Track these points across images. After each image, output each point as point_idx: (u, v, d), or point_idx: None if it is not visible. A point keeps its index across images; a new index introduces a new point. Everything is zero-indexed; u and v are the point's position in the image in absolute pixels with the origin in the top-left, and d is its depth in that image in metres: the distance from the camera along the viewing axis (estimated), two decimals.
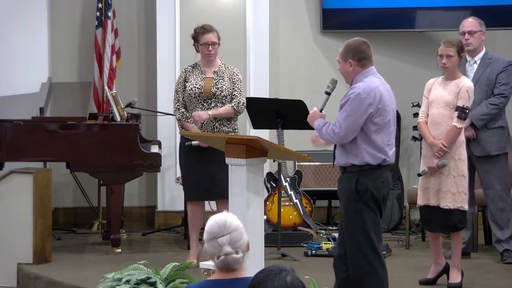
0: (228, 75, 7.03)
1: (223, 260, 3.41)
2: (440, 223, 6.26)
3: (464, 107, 6.19)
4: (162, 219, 8.81)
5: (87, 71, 8.92)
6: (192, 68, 7.10)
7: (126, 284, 5.60)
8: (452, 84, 6.28)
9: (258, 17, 8.75)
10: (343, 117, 5.20)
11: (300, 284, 2.98)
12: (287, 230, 7.82)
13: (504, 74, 7.08)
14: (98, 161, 7.48)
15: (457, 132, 6.21)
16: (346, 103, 5.21)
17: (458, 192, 6.20)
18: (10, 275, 7.02)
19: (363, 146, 5.22)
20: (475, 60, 7.15)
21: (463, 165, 6.24)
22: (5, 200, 7.11)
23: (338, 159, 5.35)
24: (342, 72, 5.36)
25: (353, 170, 5.25)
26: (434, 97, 6.34)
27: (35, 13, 8.58)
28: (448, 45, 6.28)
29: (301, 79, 9.18)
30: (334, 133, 5.21)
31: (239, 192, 5.40)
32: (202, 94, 6.96)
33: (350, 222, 5.26)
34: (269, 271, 3.01)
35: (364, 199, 5.21)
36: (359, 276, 5.24)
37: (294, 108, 7.45)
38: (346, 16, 9.12)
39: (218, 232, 3.44)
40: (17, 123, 7.46)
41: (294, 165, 8.66)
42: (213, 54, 7.01)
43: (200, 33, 7.00)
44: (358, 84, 5.24)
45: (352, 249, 5.25)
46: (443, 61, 6.27)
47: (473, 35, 7.09)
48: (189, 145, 6.94)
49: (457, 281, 6.27)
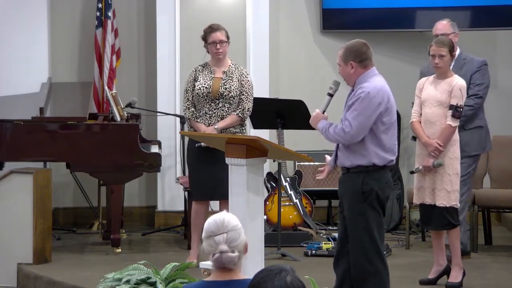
0: (237, 75, 7.02)
1: (217, 258, 3.42)
2: (436, 221, 6.27)
3: (458, 106, 6.21)
4: (162, 219, 8.81)
5: (87, 71, 8.92)
6: (202, 68, 7.09)
7: (126, 284, 5.60)
8: (444, 83, 6.30)
9: (258, 17, 8.75)
10: (353, 116, 5.17)
11: (300, 284, 2.98)
12: (287, 230, 7.82)
13: (478, 74, 7.09)
14: (98, 161, 7.48)
15: (451, 131, 6.23)
16: (356, 102, 5.19)
17: (453, 190, 6.23)
18: (10, 275, 7.02)
19: (371, 146, 5.21)
20: None
21: (457, 163, 6.26)
22: (5, 200, 7.11)
23: (342, 160, 5.33)
24: (344, 75, 5.34)
25: (358, 171, 5.24)
26: (426, 96, 6.36)
27: (35, 13, 8.58)
28: (440, 45, 6.32)
29: (301, 79, 9.18)
30: (345, 133, 5.18)
31: (239, 192, 5.40)
32: (210, 94, 6.95)
33: (354, 222, 5.25)
34: (269, 271, 3.01)
35: (369, 200, 5.22)
36: (361, 276, 5.25)
37: (294, 108, 7.46)
38: (346, 16, 9.12)
39: (215, 230, 3.46)
40: (17, 123, 7.46)
41: (294, 165, 8.66)
42: (222, 52, 6.99)
43: (208, 32, 7.00)
44: (366, 84, 5.22)
45: (355, 249, 5.25)
46: (435, 61, 6.31)
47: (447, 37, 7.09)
48: (198, 146, 6.92)
49: (456, 281, 6.27)
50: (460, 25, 9.10)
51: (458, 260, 6.30)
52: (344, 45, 5.36)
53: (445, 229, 6.30)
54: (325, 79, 8.77)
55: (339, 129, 5.21)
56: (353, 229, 5.26)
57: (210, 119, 6.95)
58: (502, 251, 7.68)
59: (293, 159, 7.67)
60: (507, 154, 8.06)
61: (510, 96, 9.24)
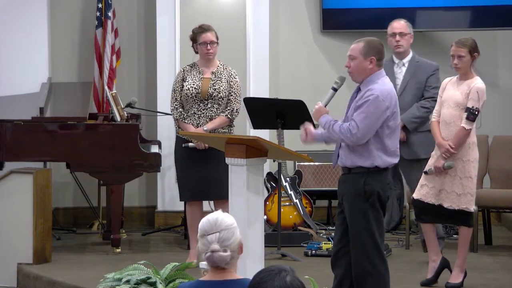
0: (226, 76, 7.03)
1: (209, 257, 3.44)
2: (440, 220, 6.27)
3: (473, 108, 6.13)
4: (162, 219, 8.81)
5: (87, 71, 8.92)
6: (191, 68, 7.10)
7: (126, 284, 5.60)
8: (464, 84, 6.24)
9: (258, 17, 8.75)
10: (361, 119, 5.14)
11: (299, 284, 2.99)
12: (287, 230, 7.82)
13: (433, 77, 7.12)
14: (98, 161, 7.48)
15: (465, 134, 6.17)
16: (364, 104, 5.16)
17: (464, 193, 6.19)
18: (10, 275, 7.03)
19: (375, 149, 5.20)
20: (403, 62, 7.16)
21: (471, 166, 6.20)
22: (5, 200, 7.11)
23: (343, 160, 5.30)
24: (357, 69, 5.26)
25: (360, 172, 5.24)
26: (446, 97, 6.31)
27: (35, 13, 8.58)
28: (459, 46, 6.23)
29: (301, 79, 9.18)
30: (351, 134, 5.15)
31: (239, 192, 5.40)
32: (199, 95, 6.97)
33: (355, 222, 5.25)
34: (269, 271, 3.01)
35: (371, 201, 5.21)
36: (362, 276, 5.25)
37: (294, 108, 7.45)
38: (346, 16, 9.12)
39: (208, 230, 3.48)
40: (17, 123, 7.46)
41: (294, 165, 8.66)
42: (212, 53, 7.00)
43: (198, 33, 7.01)
44: (374, 86, 5.19)
45: (356, 249, 5.25)
46: (454, 62, 6.22)
47: (403, 37, 7.09)
48: (185, 146, 6.95)
49: (456, 282, 6.27)
50: (460, 25, 9.14)
51: (462, 263, 6.29)
52: (363, 39, 5.32)
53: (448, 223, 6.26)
54: (325, 79, 8.77)
55: (345, 128, 5.18)
56: (354, 229, 5.26)
57: (198, 120, 6.97)
58: (502, 251, 7.68)
59: (293, 159, 7.67)
60: (507, 154, 8.06)
61: (510, 96, 9.24)
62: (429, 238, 6.40)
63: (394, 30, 7.11)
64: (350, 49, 5.30)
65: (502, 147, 8.12)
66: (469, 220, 6.26)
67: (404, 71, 7.13)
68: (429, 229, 6.40)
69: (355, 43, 5.32)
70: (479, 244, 7.62)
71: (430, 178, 6.29)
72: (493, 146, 8.13)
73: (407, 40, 7.13)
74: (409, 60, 7.13)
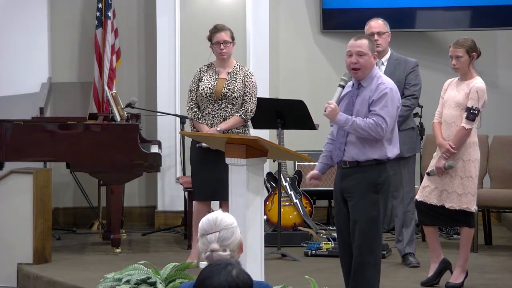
0: (241, 76, 7.00)
1: (208, 257, 3.44)
2: (443, 222, 6.26)
3: (473, 108, 6.14)
4: (162, 219, 8.81)
5: (87, 71, 8.93)
6: (207, 68, 7.08)
7: (126, 284, 5.60)
8: (464, 84, 6.25)
9: (258, 17, 8.75)
10: (386, 112, 5.23)
11: (246, 277, 2.98)
12: (287, 230, 7.82)
13: (412, 75, 7.06)
14: (98, 161, 7.48)
15: (465, 133, 6.17)
16: (383, 98, 5.24)
17: (465, 193, 6.18)
18: (10, 275, 7.03)
19: (385, 141, 5.29)
20: (382, 61, 7.15)
21: (471, 166, 6.20)
22: (5, 200, 7.11)
23: (353, 155, 5.29)
24: (366, 65, 5.31)
25: (370, 164, 5.29)
26: (447, 97, 6.32)
27: (35, 14, 8.59)
28: (456, 46, 6.25)
29: (301, 79, 9.18)
30: (381, 128, 5.21)
31: (239, 192, 5.40)
32: (213, 95, 6.94)
33: (365, 214, 5.27)
34: (215, 266, 3.01)
35: (382, 191, 5.30)
36: (360, 265, 5.27)
37: (294, 108, 7.45)
38: (346, 16, 9.12)
39: (208, 229, 3.48)
40: (17, 123, 7.45)
41: (294, 165, 8.66)
42: (226, 53, 6.97)
43: (212, 33, 6.99)
44: (383, 80, 5.31)
45: (360, 241, 5.27)
46: (452, 62, 6.24)
47: (381, 36, 7.07)
48: (199, 146, 6.93)
49: (457, 282, 6.26)
50: (460, 25, 9.13)
51: (464, 263, 6.28)
52: (362, 36, 5.48)
53: (452, 226, 6.27)
54: (325, 79, 8.78)
55: (373, 124, 5.21)
56: (362, 220, 5.27)
57: (212, 120, 6.95)
58: (502, 251, 7.68)
59: (293, 159, 7.67)
60: (507, 154, 8.06)
61: (510, 96, 9.24)
62: (431, 241, 6.40)
63: (372, 30, 7.08)
64: (356, 45, 5.33)
65: (502, 147, 8.12)
66: (470, 220, 6.26)
67: (384, 70, 7.10)
68: (431, 232, 6.39)
69: (358, 39, 5.35)
70: (479, 244, 7.62)
71: (431, 179, 6.29)
72: (493, 146, 8.13)
73: (385, 39, 7.10)
74: (387, 59, 7.09)
